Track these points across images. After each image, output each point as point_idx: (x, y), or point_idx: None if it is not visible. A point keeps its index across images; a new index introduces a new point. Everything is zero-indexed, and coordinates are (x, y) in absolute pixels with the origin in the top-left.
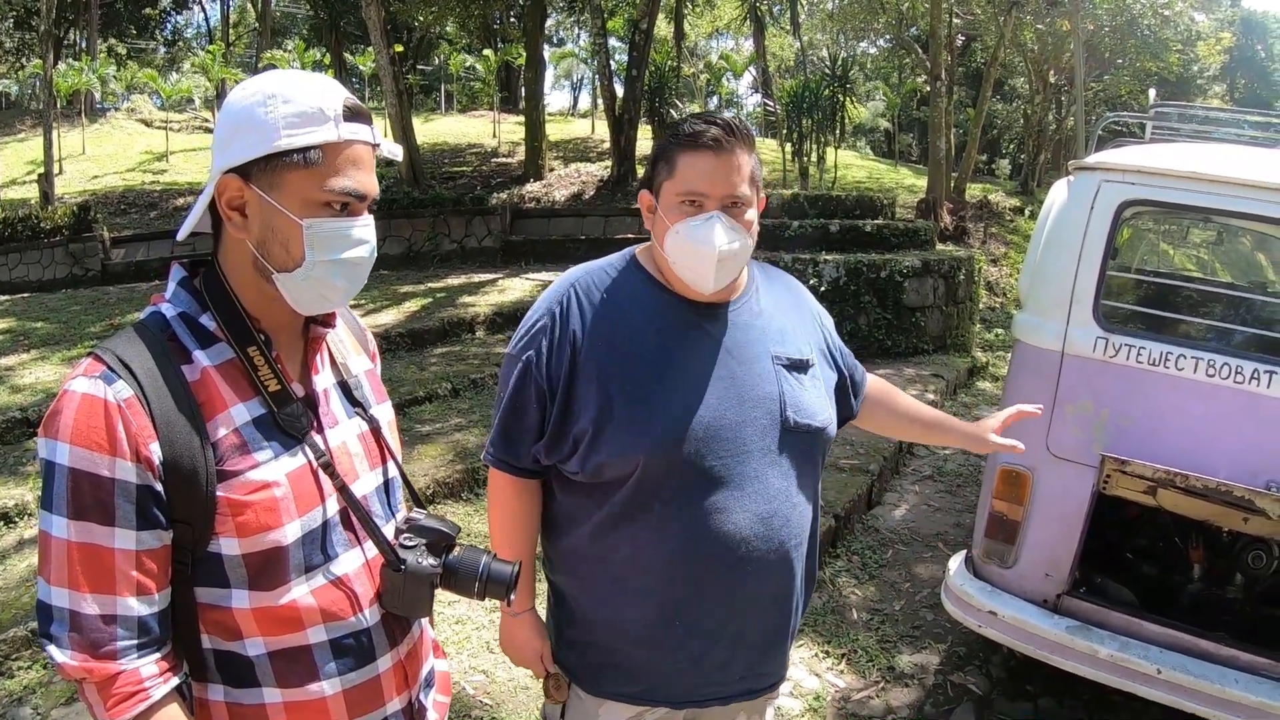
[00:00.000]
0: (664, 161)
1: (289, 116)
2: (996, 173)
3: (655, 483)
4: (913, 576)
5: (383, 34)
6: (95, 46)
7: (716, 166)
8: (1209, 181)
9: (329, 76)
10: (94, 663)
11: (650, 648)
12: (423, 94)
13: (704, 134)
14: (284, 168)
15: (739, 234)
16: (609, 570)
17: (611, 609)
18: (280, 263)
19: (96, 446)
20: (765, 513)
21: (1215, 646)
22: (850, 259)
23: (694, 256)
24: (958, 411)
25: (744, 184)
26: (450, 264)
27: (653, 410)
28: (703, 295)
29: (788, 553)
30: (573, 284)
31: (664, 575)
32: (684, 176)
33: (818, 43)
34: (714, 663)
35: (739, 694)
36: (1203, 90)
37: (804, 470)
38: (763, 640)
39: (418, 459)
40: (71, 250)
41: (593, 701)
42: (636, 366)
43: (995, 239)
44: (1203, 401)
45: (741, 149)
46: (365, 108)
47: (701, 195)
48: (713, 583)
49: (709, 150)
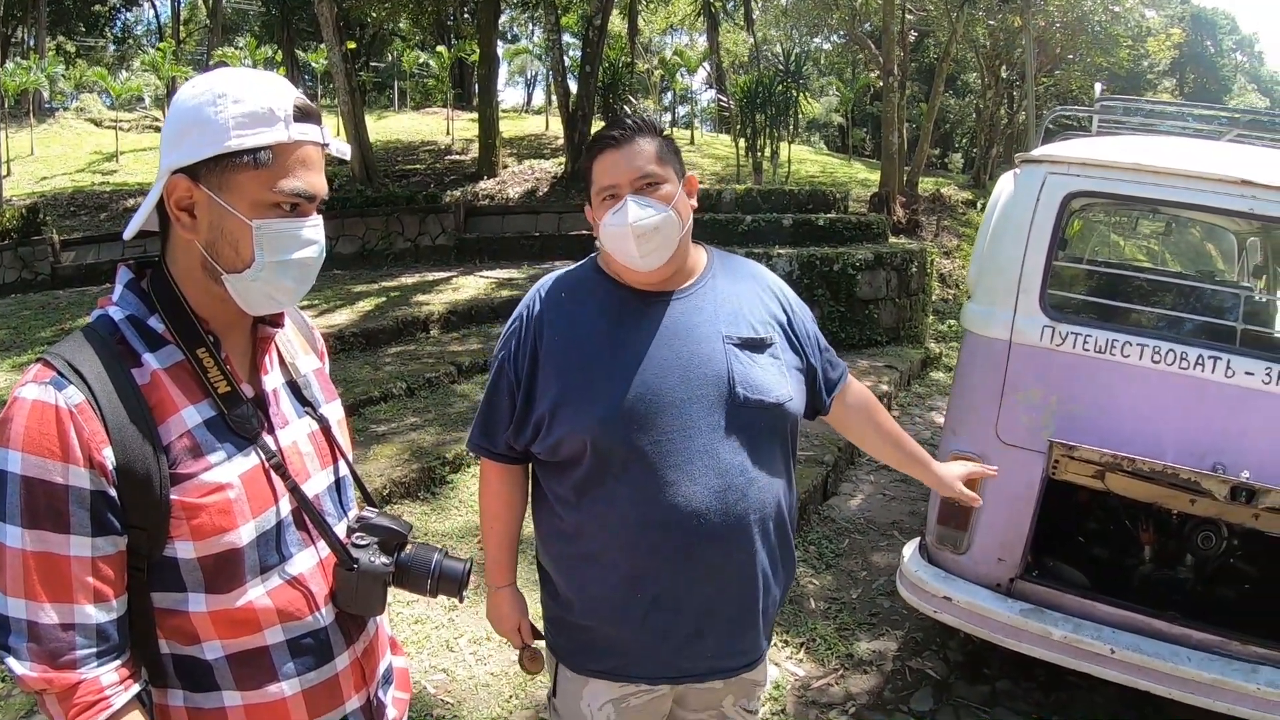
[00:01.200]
0: (585, 173)
1: (239, 117)
2: (949, 166)
3: (605, 458)
4: (869, 565)
5: (335, 31)
6: (44, 44)
7: (619, 158)
8: (1152, 173)
9: (279, 75)
10: (54, 673)
11: (618, 622)
12: (376, 91)
13: (604, 135)
14: (234, 168)
15: (654, 207)
16: (577, 546)
17: (582, 583)
18: (229, 263)
19: (49, 453)
20: (718, 486)
21: (1167, 626)
22: (803, 253)
23: (619, 239)
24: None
25: (650, 164)
26: (404, 262)
27: (598, 391)
28: (650, 282)
29: (747, 526)
30: (539, 287)
31: (622, 548)
32: (598, 178)
33: (771, 39)
34: (681, 636)
35: (713, 671)
36: (1152, 85)
37: (762, 446)
38: (732, 616)
39: (373, 459)
40: (20, 254)
41: (578, 680)
42: (586, 353)
43: (948, 232)
44: (1149, 387)
45: (642, 137)
46: (315, 107)
47: (613, 186)
48: (670, 555)
49: (610, 148)
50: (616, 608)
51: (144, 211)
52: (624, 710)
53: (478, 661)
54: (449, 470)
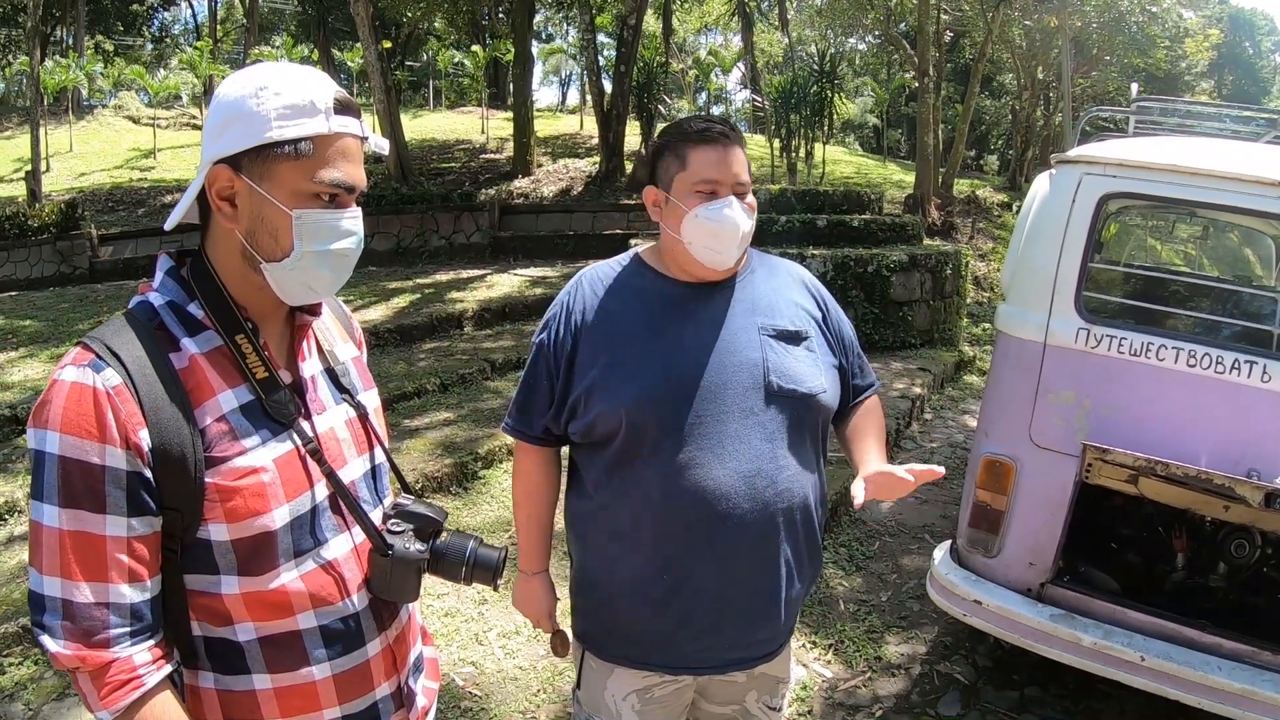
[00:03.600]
0: (672, 156)
1: (280, 108)
2: (985, 168)
3: (638, 437)
4: (899, 568)
5: (370, 30)
6: (82, 43)
7: (724, 157)
8: (1189, 174)
9: (319, 70)
10: (87, 651)
11: (642, 603)
12: (411, 90)
13: (711, 129)
14: (275, 159)
15: (748, 214)
16: (606, 525)
17: (609, 564)
18: (269, 252)
19: (86, 434)
20: (748, 471)
21: (1198, 634)
22: (837, 254)
23: (717, 236)
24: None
25: (745, 173)
26: (438, 260)
27: (635, 372)
28: (706, 276)
29: (774, 514)
30: (581, 277)
31: (652, 527)
32: (697, 167)
33: (806, 39)
34: (703, 624)
35: (732, 662)
36: (1190, 86)
37: (793, 436)
38: (752, 604)
39: (406, 453)
40: (59, 248)
41: (604, 668)
42: (625, 338)
43: (982, 234)
44: (1184, 391)
45: (737, 143)
46: (354, 101)
47: (715, 182)
48: (698, 535)
49: (717, 143)
50: (641, 589)
51: (186, 202)
52: (648, 701)
53: (506, 655)
54: (481, 465)
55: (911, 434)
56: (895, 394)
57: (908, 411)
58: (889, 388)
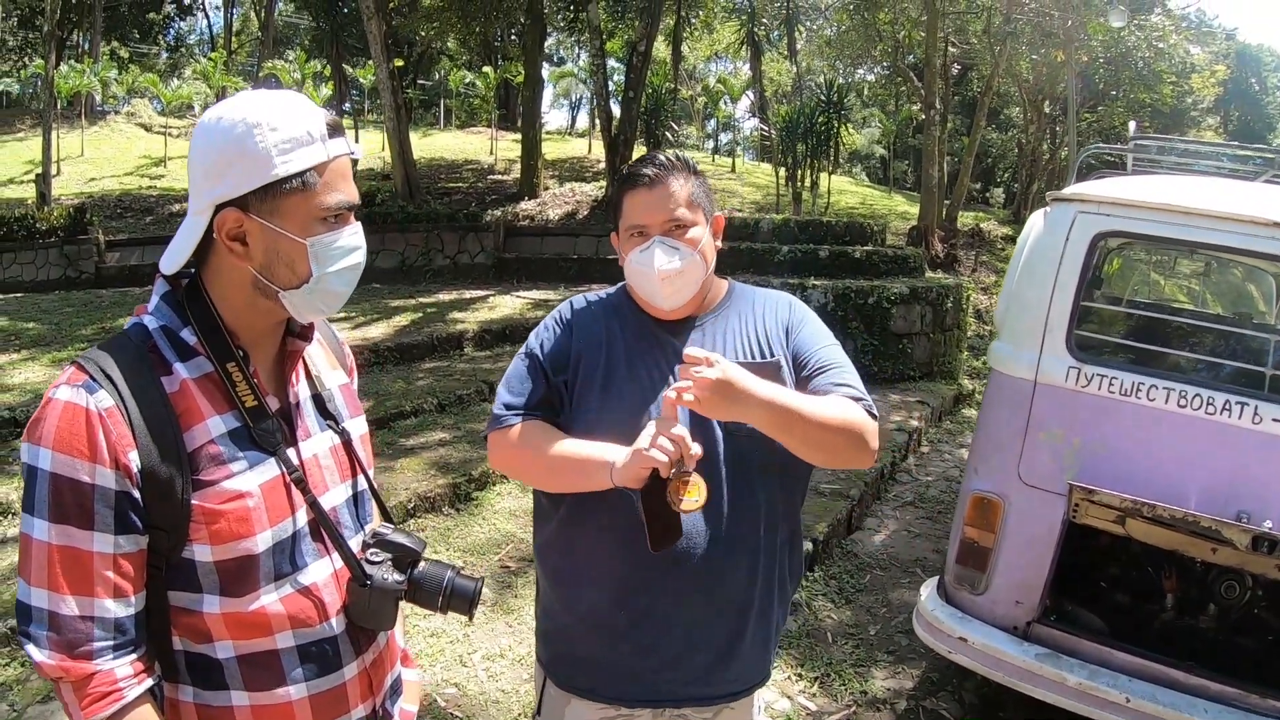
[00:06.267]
0: (615, 205)
1: (280, 144)
2: (990, 201)
3: None
4: (889, 601)
5: (383, 48)
6: (98, 49)
7: (651, 199)
8: (1183, 214)
9: (298, 93)
10: (71, 662)
11: (602, 637)
12: (422, 108)
13: (637, 174)
14: (283, 194)
15: (680, 252)
16: (571, 558)
17: (571, 595)
18: (286, 282)
19: (77, 453)
20: (713, 511)
21: (1185, 676)
22: (838, 285)
23: (643, 279)
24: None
25: (680, 208)
26: (442, 279)
27: (594, 409)
28: (666, 313)
29: (734, 555)
30: (571, 301)
31: (608, 560)
32: (627, 214)
33: (815, 69)
34: (661, 657)
35: (691, 699)
36: (1196, 122)
37: (753, 476)
38: (714, 644)
39: (400, 472)
40: (66, 252)
41: (562, 697)
42: (593, 371)
43: (986, 267)
44: (1174, 431)
45: (675, 178)
46: (340, 121)
47: (642, 226)
48: (653, 572)
49: (643, 186)
50: (601, 623)
51: (188, 245)
52: None
53: (490, 678)
54: (474, 487)
55: (907, 467)
56: (892, 426)
57: (904, 444)
58: (886, 419)
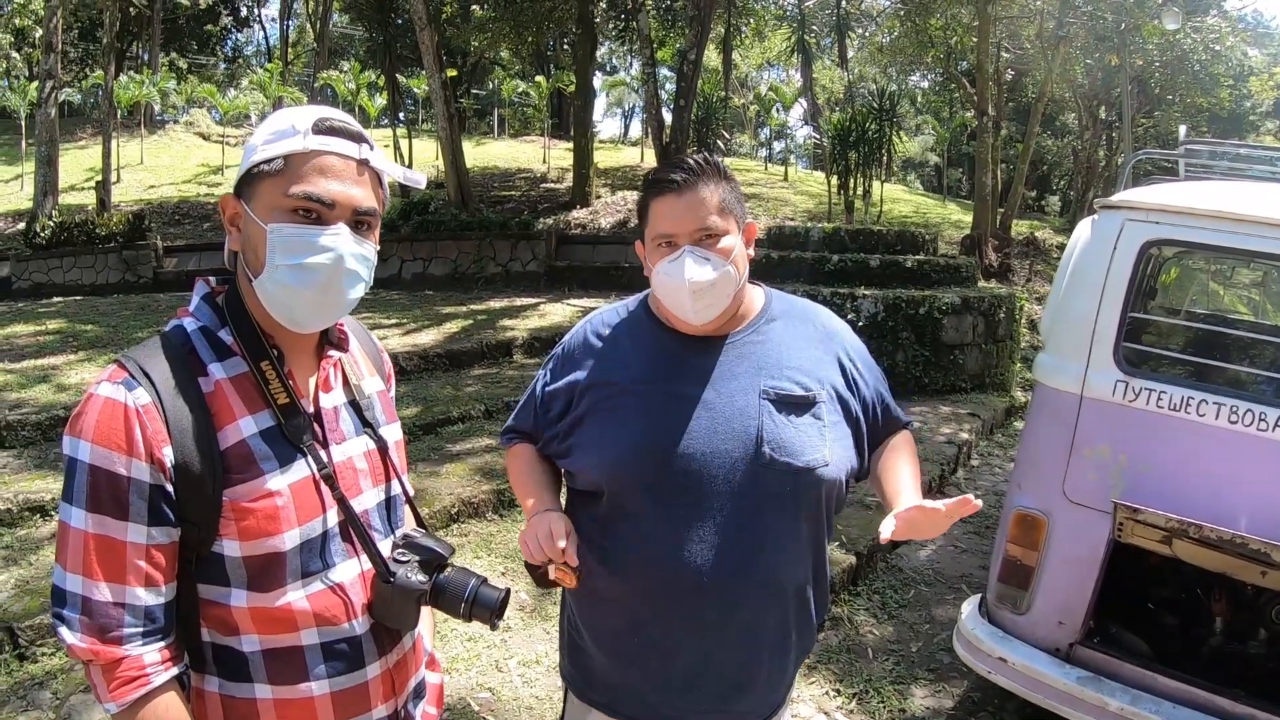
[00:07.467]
0: (643, 209)
1: (266, 134)
2: (1046, 209)
3: (621, 500)
4: (933, 618)
5: (435, 59)
6: (157, 60)
7: (680, 206)
8: (1234, 220)
9: (331, 108)
10: (101, 646)
11: (614, 655)
12: (476, 117)
13: (665, 179)
14: (257, 178)
15: (711, 263)
16: (591, 581)
17: (592, 614)
18: (253, 267)
19: (115, 446)
20: (725, 548)
21: (1231, 704)
22: (889, 294)
23: (672, 291)
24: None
25: (711, 215)
26: (494, 287)
27: (618, 435)
28: (696, 328)
29: (755, 589)
30: (587, 322)
31: (626, 588)
32: (654, 222)
33: (867, 76)
34: (677, 683)
35: None
36: (1255, 126)
37: (788, 510)
38: (729, 676)
39: (445, 477)
40: (125, 257)
41: (582, 709)
42: (614, 393)
43: (1040, 276)
44: (1225, 449)
45: (706, 183)
46: (353, 128)
47: (671, 235)
48: (667, 604)
49: (671, 193)
50: (618, 645)
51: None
52: None
53: (524, 684)
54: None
55: (956, 480)
56: (942, 439)
57: (954, 457)
58: (935, 431)
